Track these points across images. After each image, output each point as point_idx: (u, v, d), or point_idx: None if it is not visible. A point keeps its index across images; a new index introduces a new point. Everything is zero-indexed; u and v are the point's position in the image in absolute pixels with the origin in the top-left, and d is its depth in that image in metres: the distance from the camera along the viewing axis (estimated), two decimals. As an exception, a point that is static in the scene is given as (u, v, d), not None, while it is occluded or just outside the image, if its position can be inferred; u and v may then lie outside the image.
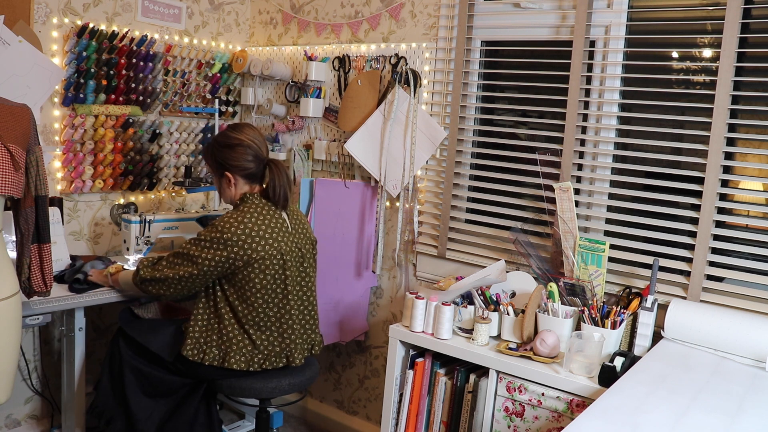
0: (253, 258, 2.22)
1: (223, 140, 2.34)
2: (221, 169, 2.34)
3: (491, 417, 2.11)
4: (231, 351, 2.28)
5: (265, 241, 2.25)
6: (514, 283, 2.45)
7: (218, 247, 2.21)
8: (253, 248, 2.22)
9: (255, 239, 2.23)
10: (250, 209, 2.28)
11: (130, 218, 2.73)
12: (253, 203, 2.30)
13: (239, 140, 2.31)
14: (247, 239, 2.22)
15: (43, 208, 2.04)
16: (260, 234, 2.24)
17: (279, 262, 2.29)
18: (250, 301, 2.27)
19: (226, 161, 2.32)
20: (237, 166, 2.31)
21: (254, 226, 2.24)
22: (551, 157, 2.47)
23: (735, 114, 2.18)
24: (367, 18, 3.01)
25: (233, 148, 2.31)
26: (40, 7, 2.68)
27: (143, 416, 2.39)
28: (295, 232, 2.38)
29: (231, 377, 2.35)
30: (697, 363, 1.92)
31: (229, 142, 2.32)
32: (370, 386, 3.13)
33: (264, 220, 2.27)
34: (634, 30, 2.35)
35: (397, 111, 2.81)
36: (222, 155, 2.32)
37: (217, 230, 2.22)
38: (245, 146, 2.31)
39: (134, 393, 2.40)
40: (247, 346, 2.29)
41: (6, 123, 1.87)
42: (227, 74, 3.38)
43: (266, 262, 2.25)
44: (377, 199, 2.96)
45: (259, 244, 2.23)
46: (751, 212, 2.22)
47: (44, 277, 2.07)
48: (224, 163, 2.32)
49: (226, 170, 2.33)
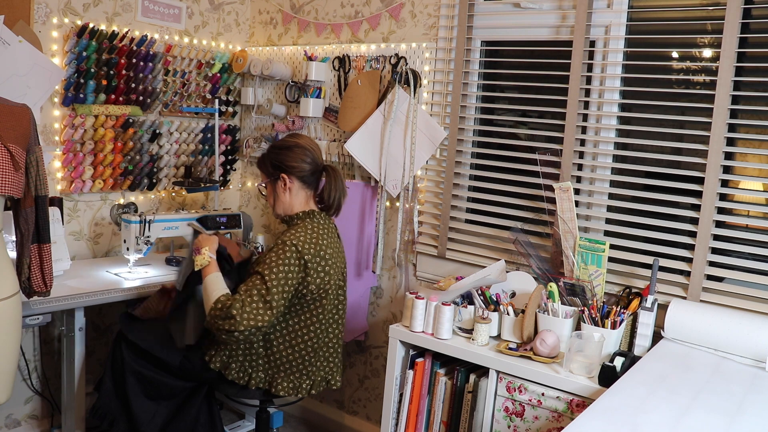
0: (325, 282, 2.21)
1: (280, 144, 2.36)
2: (277, 171, 2.31)
3: (491, 417, 2.11)
4: (278, 377, 2.27)
5: (333, 262, 2.24)
6: (514, 283, 2.45)
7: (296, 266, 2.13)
8: (326, 272, 2.21)
9: (329, 262, 2.21)
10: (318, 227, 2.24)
11: (130, 218, 2.73)
12: (319, 220, 2.27)
13: (296, 143, 2.33)
14: (321, 261, 2.18)
15: (43, 208, 2.04)
16: (330, 255, 2.23)
17: (339, 285, 2.32)
18: (313, 328, 2.25)
19: (283, 162, 2.31)
20: (294, 167, 2.30)
21: (327, 248, 2.22)
22: (551, 157, 2.47)
23: (735, 114, 2.18)
24: (367, 18, 3.01)
25: (291, 149, 2.32)
26: (40, 7, 2.68)
27: (146, 418, 2.39)
28: (338, 240, 2.39)
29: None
30: (697, 363, 1.92)
31: (287, 144, 2.34)
32: (370, 386, 3.13)
33: (330, 241, 2.25)
34: (634, 30, 2.35)
35: (397, 111, 2.81)
36: (279, 157, 2.32)
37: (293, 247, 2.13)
38: (302, 147, 2.32)
39: (136, 395, 2.40)
40: (295, 373, 2.28)
41: (6, 123, 1.87)
42: (227, 74, 3.38)
43: (334, 289, 2.27)
44: (377, 199, 2.96)
45: (332, 268, 2.24)
46: (751, 212, 2.22)
47: (44, 277, 2.07)
48: (281, 165, 2.31)
49: (282, 171, 2.30)
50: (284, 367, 2.28)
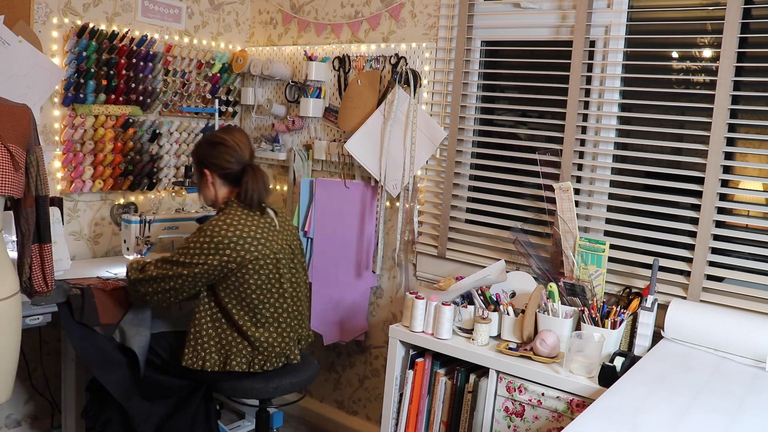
0: (246, 259, 2.22)
1: (208, 138, 2.40)
2: (201, 167, 2.37)
3: (491, 417, 2.11)
4: (231, 354, 2.28)
5: (257, 241, 2.25)
6: (514, 283, 2.45)
7: (209, 252, 2.20)
8: (246, 249, 2.22)
9: (247, 240, 2.22)
10: (237, 212, 2.27)
11: (130, 218, 2.73)
12: (237, 207, 2.29)
13: (223, 139, 2.34)
14: (239, 241, 2.21)
15: (43, 208, 2.04)
16: (251, 235, 2.24)
17: (272, 261, 2.29)
18: (245, 303, 2.26)
19: (206, 159, 2.34)
20: (215, 165, 2.33)
21: (245, 228, 2.24)
22: (551, 157, 2.47)
23: (735, 114, 2.18)
24: (367, 18, 3.01)
25: (215, 146, 2.34)
26: (40, 7, 2.68)
27: (141, 418, 2.38)
28: (283, 230, 2.39)
29: (232, 379, 2.35)
30: (697, 363, 1.92)
31: (214, 140, 2.36)
32: (370, 386, 3.13)
33: (253, 222, 2.27)
34: (634, 30, 2.35)
35: (397, 111, 2.81)
36: (204, 152, 2.36)
37: (206, 235, 2.21)
38: (227, 146, 2.32)
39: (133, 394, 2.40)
40: (246, 347, 2.29)
41: (6, 123, 1.87)
42: (227, 74, 3.38)
43: (260, 262, 2.25)
44: (377, 199, 2.96)
45: (252, 245, 2.23)
46: (751, 212, 2.22)
47: (45, 277, 2.07)
48: (204, 161, 2.35)
49: (204, 167, 2.35)
50: (235, 343, 2.28)
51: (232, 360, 2.27)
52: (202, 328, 2.29)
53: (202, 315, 2.30)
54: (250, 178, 2.30)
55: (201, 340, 2.29)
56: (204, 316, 2.30)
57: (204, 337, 2.29)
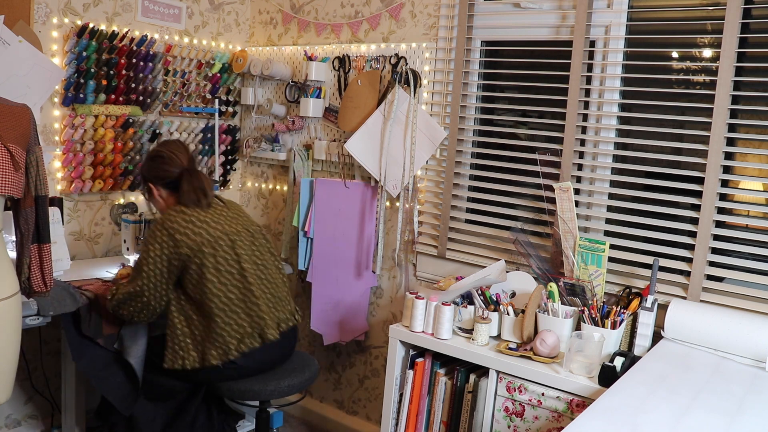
0: (197, 242, 2.28)
1: (148, 154, 2.54)
2: (146, 182, 2.48)
3: (491, 417, 2.11)
4: (207, 348, 2.29)
5: (207, 224, 2.33)
6: (514, 283, 2.45)
7: (162, 237, 2.28)
8: (196, 232, 2.29)
9: (195, 224, 2.31)
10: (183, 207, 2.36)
11: (130, 218, 2.73)
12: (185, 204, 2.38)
13: (158, 151, 2.46)
14: (189, 224, 2.30)
15: (43, 208, 2.04)
16: (201, 219, 2.33)
17: (227, 243, 2.34)
18: (208, 288, 2.28)
19: (148, 173, 2.46)
20: (156, 177, 2.43)
21: (192, 213, 2.33)
22: (551, 157, 2.47)
23: (735, 114, 2.18)
24: (367, 18, 3.01)
25: (153, 160, 2.46)
26: (40, 7, 2.68)
27: (146, 420, 2.39)
28: (237, 216, 2.46)
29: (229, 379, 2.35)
30: (697, 363, 1.92)
31: (151, 155, 2.49)
32: (370, 386, 3.13)
33: (200, 213, 2.36)
34: (634, 30, 2.35)
35: (397, 111, 2.81)
36: (145, 169, 2.48)
37: (158, 225, 2.31)
38: (163, 157, 2.43)
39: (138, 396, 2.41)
40: (218, 338, 2.30)
41: (6, 123, 1.87)
42: (227, 74, 3.38)
43: (213, 244, 2.30)
44: (377, 199, 2.96)
45: (201, 227, 2.31)
46: (751, 212, 2.22)
47: (44, 277, 2.07)
48: (147, 176, 2.46)
49: (149, 182, 2.45)
50: (206, 336, 2.30)
51: (208, 354, 2.29)
52: (176, 327, 2.33)
53: (174, 315, 2.34)
54: (186, 180, 2.39)
55: (177, 339, 2.32)
56: (176, 315, 2.34)
57: (179, 336, 2.32)
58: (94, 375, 2.39)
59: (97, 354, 2.41)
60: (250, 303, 2.35)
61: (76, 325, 2.39)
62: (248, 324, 2.34)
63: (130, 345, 2.40)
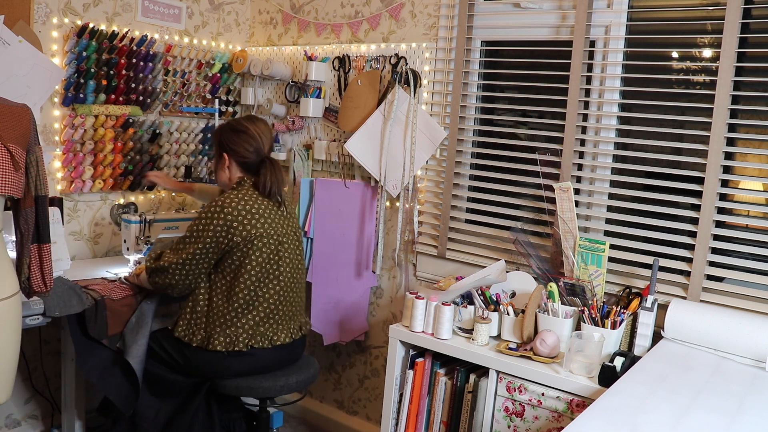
0: (251, 234, 2.28)
1: (232, 124, 2.46)
2: (221, 150, 2.43)
3: (491, 417, 2.11)
4: (214, 332, 2.30)
5: (264, 219, 2.32)
6: (514, 283, 2.45)
7: (218, 221, 2.26)
8: (252, 224, 2.28)
9: (254, 215, 2.29)
10: (248, 191, 2.34)
11: (130, 218, 2.73)
12: (250, 187, 2.37)
13: (246, 128, 2.41)
14: (247, 215, 2.28)
15: (43, 208, 2.04)
16: (259, 211, 2.31)
17: (275, 242, 2.34)
18: (243, 279, 2.30)
19: (228, 144, 2.41)
20: (235, 151, 2.40)
21: (254, 204, 2.31)
22: (551, 157, 2.47)
23: (735, 114, 2.18)
24: (367, 18, 3.01)
25: (238, 134, 2.40)
26: (40, 7, 2.68)
27: (150, 415, 2.40)
28: (290, 217, 2.45)
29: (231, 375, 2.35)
30: (697, 363, 1.92)
31: (237, 127, 2.43)
32: (370, 386, 3.13)
33: (261, 202, 2.34)
34: (634, 30, 2.35)
35: (397, 111, 2.81)
36: (226, 136, 2.42)
37: (217, 205, 2.29)
38: (249, 135, 2.40)
39: (141, 392, 2.41)
40: (230, 327, 2.31)
41: (6, 123, 1.87)
42: (227, 74, 3.38)
43: (263, 239, 2.30)
44: (377, 199, 2.96)
45: (258, 221, 2.30)
46: (751, 212, 2.22)
47: (44, 277, 2.07)
48: (225, 145, 2.41)
49: (224, 151, 2.41)
50: (219, 322, 2.31)
51: (214, 339, 2.30)
52: (198, 302, 2.35)
53: (201, 290, 2.36)
54: (269, 170, 2.38)
55: (195, 314, 2.34)
56: (202, 292, 2.35)
57: (198, 311, 2.34)
58: (97, 377, 2.40)
59: (101, 355, 2.42)
60: (274, 306, 2.37)
61: (82, 327, 2.39)
62: (263, 325, 2.36)
63: (131, 344, 2.41)
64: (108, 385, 2.40)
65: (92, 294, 2.42)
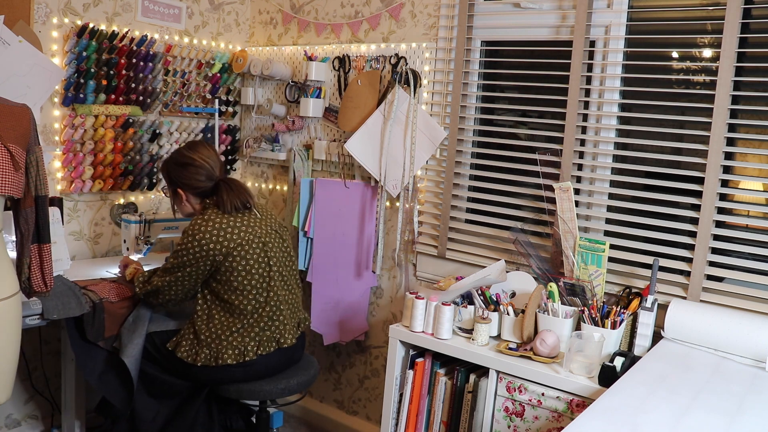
0: (230, 248, 2.28)
1: (176, 158, 2.44)
2: (173, 186, 2.44)
3: (491, 417, 2.11)
4: (222, 348, 2.29)
5: (237, 229, 2.32)
6: (514, 283, 2.45)
7: (194, 247, 2.27)
8: (226, 238, 2.28)
9: (225, 230, 2.29)
10: (212, 212, 2.34)
11: (130, 218, 2.73)
12: (213, 208, 2.36)
13: (191, 159, 2.40)
14: (219, 232, 2.29)
15: (43, 208, 2.04)
16: (230, 225, 2.31)
17: (258, 245, 2.34)
18: (238, 291, 2.30)
19: (178, 179, 2.41)
20: (188, 185, 2.40)
21: (221, 220, 2.31)
22: (551, 157, 2.47)
23: (735, 114, 2.18)
24: (367, 18, 3.01)
25: (185, 167, 2.39)
26: (40, 7, 2.68)
27: (148, 417, 2.39)
28: (266, 218, 2.44)
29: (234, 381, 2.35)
30: (697, 363, 1.92)
31: (182, 160, 2.41)
32: (370, 386, 3.13)
33: (230, 218, 2.34)
34: (634, 30, 2.35)
35: (397, 111, 2.81)
36: (174, 173, 2.42)
37: (188, 234, 2.29)
38: (196, 166, 2.38)
39: (140, 393, 2.41)
40: (237, 338, 2.30)
41: (6, 123, 1.87)
42: (227, 74, 3.38)
43: (244, 247, 2.30)
44: (377, 199, 2.96)
45: (231, 233, 2.30)
46: (751, 212, 2.22)
47: (44, 277, 2.07)
48: (177, 181, 2.41)
49: (178, 187, 2.42)
50: (226, 335, 2.30)
51: (224, 353, 2.29)
52: (196, 321, 2.34)
53: (198, 308, 2.35)
54: (225, 191, 2.37)
55: (198, 334, 2.32)
56: (199, 310, 2.35)
57: (197, 330, 2.33)
58: (96, 379, 2.40)
59: (98, 357, 2.42)
60: (275, 307, 2.36)
61: (80, 331, 2.39)
62: (269, 329, 2.36)
63: (126, 344, 2.41)
64: (107, 386, 2.39)
65: (90, 296, 2.42)
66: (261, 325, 2.34)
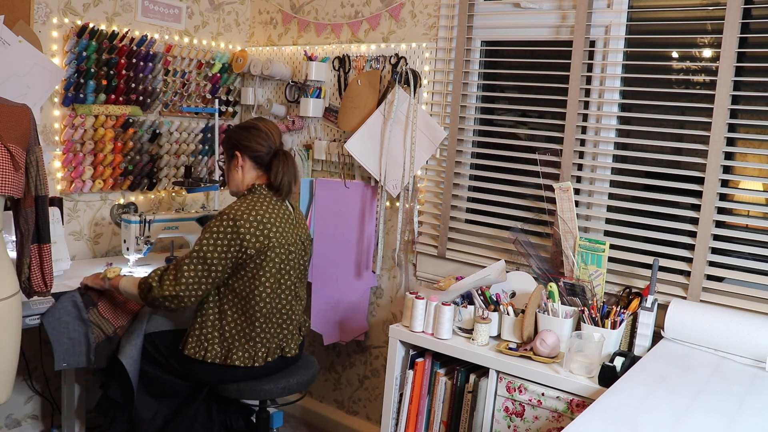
0: (265, 245, 2.24)
1: (241, 124, 2.46)
2: (233, 149, 2.39)
3: (491, 417, 2.11)
4: (233, 348, 2.28)
5: (276, 228, 2.28)
6: (514, 283, 2.45)
7: (231, 234, 2.20)
8: (265, 234, 2.24)
9: (266, 225, 2.26)
10: (259, 198, 2.31)
11: (130, 218, 2.73)
12: (261, 193, 2.33)
13: (255, 124, 2.41)
14: (259, 225, 2.24)
15: (43, 208, 2.04)
16: (271, 221, 2.28)
17: (284, 251, 2.32)
18: (259, 291, 2.27)
19: (239, 141, 2.38)
20: (247, 147, 2.36)
21: (265, 214, 2.27)
22: (551, 157, 2.47)
23: (735, 114, 2.18)
24: (367, 18, 3.01)
25: (248, 130, 2.39)
26: (40, 7, 2.68)
27: (147, 416, 2.39)
28: (298, 225, 2.43)
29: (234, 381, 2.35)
30: (697, 363, 1.92)
31: (246, 124, 2.43)
32: (370, 386, 3.13)
33: (273, 210, 2.31)
34: (634, 30, 2.35)
35: (397, 111, 2.81)
36: (236, 135, 2.40)
37: (229, 217, 2.22)
38: (259, 129, 2.39)
39: (139, 392, 2.41)
40: (249, 341, 2.30)
41: (6, 123, 1.87)
42: (227, 74, 3.38)
43: (275, 250, 2.27)
44: (377, 199, 2.96)
45: (270, 230, 2.26)
46: (751, 212, 2.22)
47: (44, 277, 2.07)
48: (237, 143, 2.38)
49: (236, 149, 2.37)
50: (238, 336, 2.29)
51: (234, 354, 2.28)
52: (208, 317, 2.30)
53: (209, 305, 2.30)
54: (282, 162, 2.35)
55: (206, 330, 2.30)
56: (211, 306, 2.30)
57: (209, 327, 2.30)
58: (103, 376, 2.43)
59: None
60: (285, 316, 2.36)
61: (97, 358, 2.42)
62: (277, 337, 2.36)
63: (125, 344, 2.40)
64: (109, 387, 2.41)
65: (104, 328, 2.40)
66: (271, 332, 2.32)
